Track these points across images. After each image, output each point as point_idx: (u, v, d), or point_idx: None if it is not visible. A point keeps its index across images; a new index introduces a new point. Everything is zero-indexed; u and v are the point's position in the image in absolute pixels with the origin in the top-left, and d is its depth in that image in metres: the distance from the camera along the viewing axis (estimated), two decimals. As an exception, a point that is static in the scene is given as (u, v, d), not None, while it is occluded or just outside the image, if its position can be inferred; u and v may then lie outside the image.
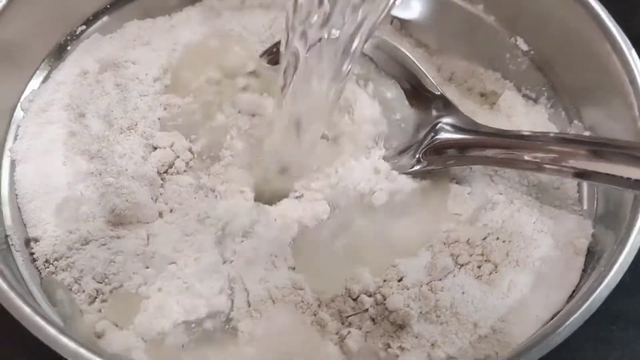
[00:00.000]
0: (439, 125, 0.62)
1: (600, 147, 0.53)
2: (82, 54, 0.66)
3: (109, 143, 0.58)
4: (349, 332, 0.51)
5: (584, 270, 0.55)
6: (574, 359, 0.62)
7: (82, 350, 0.43)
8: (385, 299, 0.52)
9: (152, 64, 0.64)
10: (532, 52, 0.68)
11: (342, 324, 0.52)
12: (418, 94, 0.65)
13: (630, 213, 0.51)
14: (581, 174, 0.53)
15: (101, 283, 0.53)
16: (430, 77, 0.65)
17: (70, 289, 0.53)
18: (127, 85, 0.62)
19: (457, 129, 0.62)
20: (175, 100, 0.62)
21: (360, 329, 0.52)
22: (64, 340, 0.43)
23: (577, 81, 0.65)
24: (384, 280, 0.53)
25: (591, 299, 0.48)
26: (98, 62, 0.64)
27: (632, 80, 0.57)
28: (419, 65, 0.66)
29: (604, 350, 0.63)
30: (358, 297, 0.52)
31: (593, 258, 0.56)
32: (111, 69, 0.63)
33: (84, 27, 0.67)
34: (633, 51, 0.58)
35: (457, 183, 0.61)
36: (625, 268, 0.49)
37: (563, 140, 0.56)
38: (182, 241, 0.55)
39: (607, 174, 0.51)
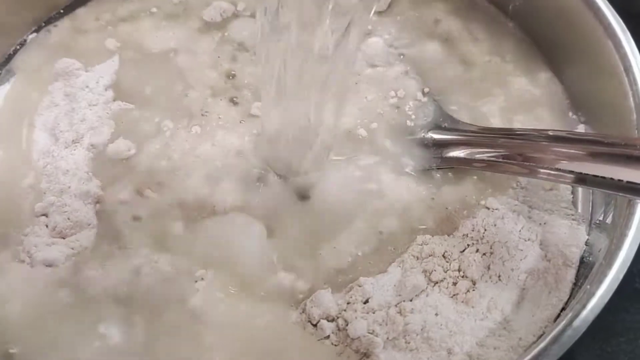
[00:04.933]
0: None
1: (593, 146, 0.47)
2: (33, 63, 0.61)
3: (54, 159, 0.54)
4: (308, 363, 0.46)
5: (574, 284, 0.49)
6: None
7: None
8: (347, 325, 0.46)
9: (105, 70, 0.59)
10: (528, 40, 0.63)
11: (303, 352, 0.47)
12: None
13: (622, 219, 0.45)
14: (577, 179, 0.47)
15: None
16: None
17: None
18: (76, 95, 0.57)
19: (435, 126, 0.57)
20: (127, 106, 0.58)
21: (320, 358, 0.46)
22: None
23: (572, 71, 0.59)
24: (348, 303, 0.48)
25: (577, 319, 0.42)
26: (49, 71, 0.60)
27: (627, 68, 0.51)
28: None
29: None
30: (318, 322, 0.47)
31: (587, 269, 0.49)
32: (62, 78, 0.59)
33: (34, 34, 0.63)
34: (628, 34, 0.52)
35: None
36: (617, 283, 0.43)
37: (554, 138, 0.50)
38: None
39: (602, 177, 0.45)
